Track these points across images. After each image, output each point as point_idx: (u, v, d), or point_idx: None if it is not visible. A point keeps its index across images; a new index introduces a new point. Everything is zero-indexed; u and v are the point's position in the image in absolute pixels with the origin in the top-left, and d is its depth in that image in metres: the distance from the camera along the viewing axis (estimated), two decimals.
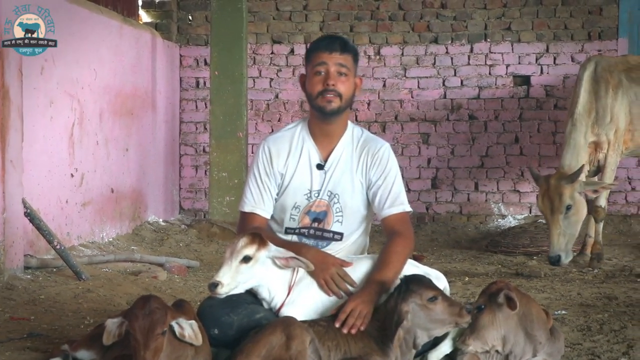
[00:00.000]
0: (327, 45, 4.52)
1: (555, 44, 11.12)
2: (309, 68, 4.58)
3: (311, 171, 4.54)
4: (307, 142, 4.59)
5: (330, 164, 4.55)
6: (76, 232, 8.29)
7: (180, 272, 7.77)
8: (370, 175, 4.57)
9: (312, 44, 4.66)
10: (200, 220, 10.70)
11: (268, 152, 4.58)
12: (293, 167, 4.55)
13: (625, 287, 7.08)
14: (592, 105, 8.22)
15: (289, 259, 4.12)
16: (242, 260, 4.04)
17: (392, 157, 4.64)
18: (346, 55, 4.51)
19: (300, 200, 4.54)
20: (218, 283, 3.99)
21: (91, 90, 8.65)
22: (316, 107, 4.52)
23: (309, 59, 4.60)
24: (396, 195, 4.57)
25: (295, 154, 4.57)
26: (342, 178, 4.54)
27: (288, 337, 3.81)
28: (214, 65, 10.33)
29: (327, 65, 4.47)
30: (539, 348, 4.18)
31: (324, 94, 4.47)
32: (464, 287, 7.01)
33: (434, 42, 11.32)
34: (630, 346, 4.88)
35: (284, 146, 4.59)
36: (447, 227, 10.98)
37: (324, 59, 4.48)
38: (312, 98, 4.53)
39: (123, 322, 3.75)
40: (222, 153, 10.27)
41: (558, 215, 7.82)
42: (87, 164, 8.55)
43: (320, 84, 4.49)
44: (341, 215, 4.54)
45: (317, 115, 4.56)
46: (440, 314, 3.95)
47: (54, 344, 4.72)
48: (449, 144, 11.25)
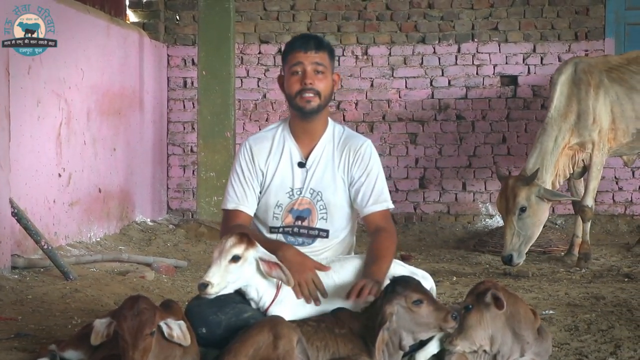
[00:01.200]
0: (302, 45, 4.54)
1: (543, 44, 11.14)
2: (286, 68, 4.58)
3: (292, 169, 4.57)
4: (288, 141, 4.62)
5: (311, 162, 4.58)
6: (64, 232, 8.27)
7: (168, 272, 7.76)
8: (353, 173, 4.60)
9: (287, 45, 4.66)
10: (188, 220, 10.69)
11: (249, 150, 4.63)
12: (274, 165, 4.58)
13: (612, 287, 7.10)
14: (571, 108, 8.22)
15: (273, 266, 4.10)
16: (231, 260, 4.03)
17: (374, 153, 4.66)
18: (322, 53, 4.53)
19: (283, 198, 4.56)
20: (208, 283, 3.98)
21: (78, 89, 8.63)
22: (295, 106, 4.54)
23: (285, 59, 4.61)
24: (379, 192, 4.60)
25: (276, 153, 4.60)
26: (324, 175, 4.57)
27: (275, 337, 3.81)
28: (202, 65, 10.32)
29: (304, 65, 4.49)
30: (526, 348, 4.19)
31: (302, 93, 4.49)
32: (452, 287, 7.02)
33: (421, 42, 11.33)
34: (617, 346, 4.90)
35: (265, 145, 4.62)
36: (434, 227, 10.99)
37: (300, 58, 4.51)
38: (291, 98, 4.55)
39: (111, 322, 3.75)
40: (210, 153, 10.26)
41: (511, 216, 7.88)
42: (74, 164, 8.53)
43: (297, 83, 4.51)
44: (325, 212, 4.56)
45: (297, 114, 4.58)
46: (425, 318, 3.95)
47: (41, 344, 4.71)
48: (437, 144, 11.26)
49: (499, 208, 8.11)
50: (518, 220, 7.86)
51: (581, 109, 8.21)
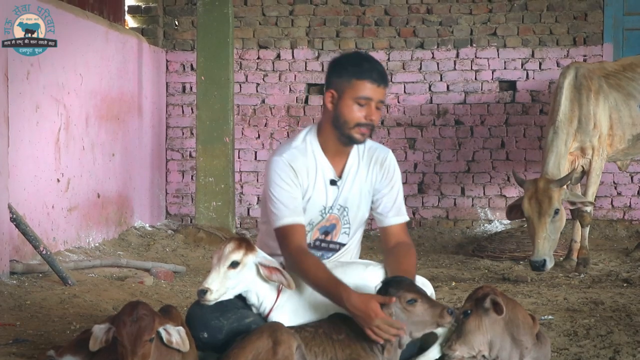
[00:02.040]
0: (373, 77, 4.33)
1: (541, 50, 11.15)
2: (348, 92, 4.33)
3: (326, 188, 4.48)
4: (320, 158, 4.48)
5: (344, 179, 4.51)
6: (62, 237, 8.26)
7: (167, 277, 7.76)
8: (378, 184, 4.57)
9: (352, 67, 4.37)
10: (186, 226, 10.69)
11: (289, 166, 4.38)
12: (311, 185, 4.44)
13: (611, 292, 7.09)
14: (574, 112, 8.20)
15: (273, 270, 4.09)
16: (230, 266, 4.03)
17: (396, 164, 4.64)
18: (386, 87, 4.41)
19: (315, 217, 4.50)
20: (207, 290, 3.98)
21: (77, 95, 8.63)
22: (346, 134, 4.37)
23: (347, 81, 4.34)
24: (400, 205, 4.62)
25: (311, 171, 4.45)
26: (353, 191, 4.53)
27: (275, 343, 3.80)
28: (200, 70, 10.32)
29: (372, 100, 4.31)
30: (525, 353, 4.19)
31: (361, 126, 4.34)
32: (451, 292, 7.02)
33: (420, 47, 11.33)
34: (616, 351, 4.89)
35: (301, 162, 4.41)
36: (433, 232, 10.99)
37: (370, 92, 4.31)
38: (344, 124, 4.35)
39: (110, 328, 3.75)
40: (209, 158, 10.26)
41: (546, 218, 7.69)
42: (73, 169, 8.52)
43: (360, 116, 4.32)
44: (348, 227, 4.56)
45: (339, 139, 4.42)
46: (421, 316, 3.95)
47: (39, 349, 4.70)
48: (435, 149, 11.27)
49: (530, 212, 7.78)
50: (550, 224, 7.70)
51: (582, 114, 8.20)
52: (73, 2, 8.90)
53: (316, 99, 11.36)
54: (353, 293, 4.00)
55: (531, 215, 7.78)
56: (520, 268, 8.72)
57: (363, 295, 3.99)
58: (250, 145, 11.44)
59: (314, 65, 11.38)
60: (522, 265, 8.89)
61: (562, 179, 7.79)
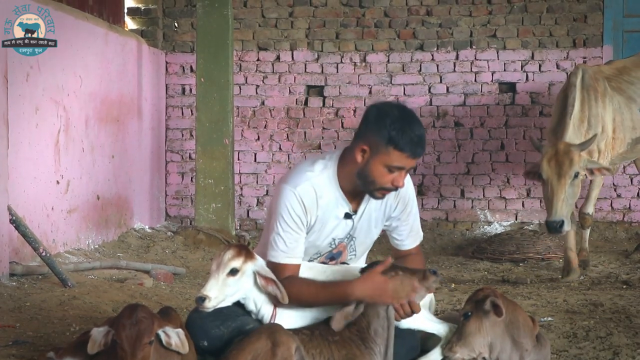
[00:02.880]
0: (414, 151, 4.19)
1: (541, 51, 11.15)
2: (384, 157, 4.18)
3: (339, 222, 4.39)
4: (336, 194, 4.33)
5: (359, 215, 4.42)
6: (62, 239, 8.26)
7: (167, 279, 7.76)
8: (392, 211, 4.50)
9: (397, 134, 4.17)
10: (186, 227, 10.68)
11: (301, 202, 4.26)
12: (322, 218, 4.34)
13: (611, 293, 7.09)
14: (584, 113, 8.04)
15: (269, 281, 4.07)
16: (229, 273, 4.02)
17: (412, 187, 4.57)
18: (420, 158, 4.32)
19: (324, 248, 4.45)
20: (205, 297, 3.96)
21: (77, 97, 8.63)
22: (367, 189, 4.27)
23: (387, 148, 4.17)
24: (417, 229, 4.60)
25: (324, 207, 4.32)
26: (365, 224, 4.46)
27: (274, 344, 3.80)
28: (200, 72, 10.32)
29: (404, 169, 4.23)
30: (525, 355, 4.19)
31: (385, 189, 4.25)
32: (450, 294, 7.02)
33: (419, 49, 11.33)
34: (616, 353, 4.90)
35: (312, 199, 4.28)
36: (433, 234, 10.98)
37: (405, 164, 4.20)
38: (369, 182, 4.22)
39: (109, 331, 3.75)
40: (208, 160, 10.25)
41: (566, 180, 7.45)
42: (72, 171, 8.52)
43: (389, 180, 4.21)
44: (354, 254, 4.53)
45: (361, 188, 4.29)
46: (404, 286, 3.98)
47: (39, 351, 4.71)
48: (435, 151, 11.26)
49: (549, 173, 7.52)
50: (569, 187, 7.46)
51: (592, 115, 8.05)
52: (73, 4, 8.91)
53: (316, 101, 11.36)
54: (353, 283, 4.06)
55: (550, 176, 7.55)
56: (520, 270, 8.73)
57: (363, 277, 4.06)
58: (249, 147, 11.44)
59: (314, 67, 11.38)
60: (521, 267, 8.90)
61: (583, 143, 7.60)
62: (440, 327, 4.31)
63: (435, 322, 4.36)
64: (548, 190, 7.58)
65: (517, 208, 11.15)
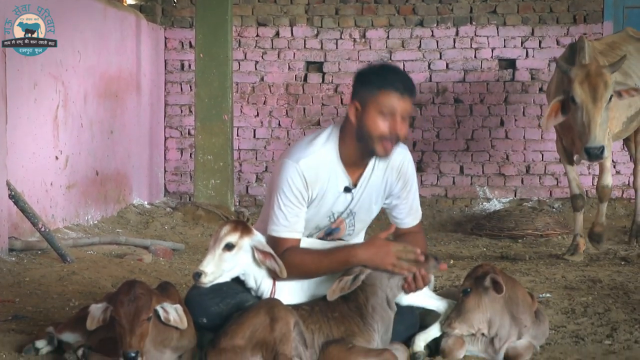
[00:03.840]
0: (399, 87, 4.17)
1: (541, 28, 11.12)
2: (373, 104, 4.17)
3: (338, 195, 4.35)
4: (336, 166, 4.30)
5: (358, 188, 4.38)
6: (61, 215, 8.27)
7: (166, 254, 7.77)
8: (393, 187, 4.46)
9: (377, 77, 4.22)
10: (185, 203, 10.69)
11: (302, 177, 4.22)
12: (322, 192, 4.31)
13: (609, 270, 7.10)
14: None
15: (267, 256, 4.07)
16: (225, 248, 4.02)
17: (412, 164, 4.52)
18: (412, 98, 4.24)
19: (323, 222, 4.42)
20: (202, 273, 3.96)
21: (75, 72, 8.61)
22: (369, 147, 4.21)
23: (372, 92, 4.18)
24: (416, 207, 4.57)
25: (324, 181, 4.28)
26: (365, 198, 4.42)
27: (272, 319, 3.81)
28: (199, 47, 10.29)
29: (397, 111, 4.14)
30: (524, 331, 4.21)
31: (384, 139, 4.17)
32: (449, 271, 7.02)
33: (419, 25, 11.30)
34: (614, 328, 4.91)
35: (317, 174, 4.25)
36: (432, 211, 10.98)
37: (395, 103, 4.15)
38: (368, 136, 4.19)
39: (107, 307, 3.76)
40: (208, 136, 10.24)
41: (602, 103, 7.16)
42: (71, 147, 8.52)
43: (385, 128, 4.15)
44: (353, 229, 4.51)
45: (361, 150, 4.27)
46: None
47: (39, 326, 4.72)
48: (435, 127, 11.25)
49: (583, 97, 7.18)
50: (604, 111, 7.17)
51: None
52: None
53: (315, 77, 11.34)
54: (355, 247, 4.13)
55: (584, 100, 7.19)
56: (519, 246, 8.75)
57: (366, 242, 4.15)
58: (249, 123, 11.42)
59: (313, 43, 11.35)
60: (520, 244, 8.91)
61: (614, 64, 7.37)
62: (440, 303, 4.31)
63: (434, 298, 4.36)
64: (582, 115, 7.19)
65: (516, 185, 11.15)
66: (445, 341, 4.19)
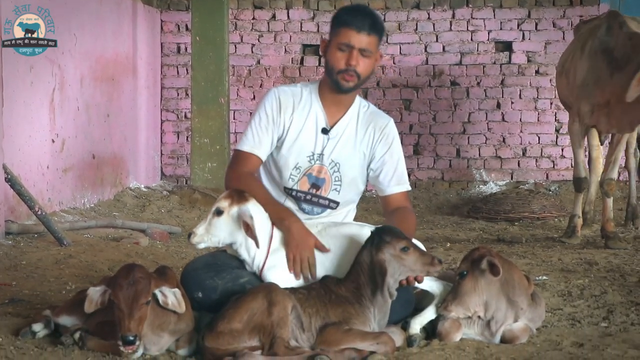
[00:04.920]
0: (356, 23, 4.36)
1: (537, 10, 11.11)
2: (334, 39, 4.42)
3: (316, 134, 4.51)
4: (315, 105, 4.54)
5: (336, 132, 4.52)
6: (57, 198, 8.27)
7: (162, 238, 7.78)
8: (376, 151, 4.58)
9: (342, 15, 4.47)
10: (182, 187, 10.69)
11: (277, 100, 4.51)
12: (298, 125, 4.50)
13: (605, 252, 7.11)
14: None
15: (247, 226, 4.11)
16: (214, 214, 4.14)
17: (397, 134, 4.66)
18: (373, 36, 4.40)
19: (302, 161, 4.50)
20: (192, 233, 4.14)
21: (72, 55, 8.60)
22: (334, 80, 4.44)
23: (335, 30, 4.43)
24: (401, 173, 4.62)
25: (302, 112, 4.52)
26: (345, 147, 4.53)
27: (270, 303, 3.81)
28: (195, 30, 10.28)
29: (353, 46, 4.36)
30: (520, 313, 4.21)
31: (343, 72, 4.38)
32: (446, 253, 7.03)
33: (415, 7, 11.28)
34: (610, 311, 4.91)
35: (293, 100, 4.53)
36: (429, 194, 11.00)
37: (351, 39, 4.36)
38: (331, 71, 4.42)
39: (106, 290, 3.76)
40: (204, 119, 10.24)
41: None
42: (68, 130, 8.51)
43: (342, 61, 4.37)
44: (339, 184, 4.53)
45: (331, 85, 4.49)
46: (413, 264, 3.99)
47: (35, 309, 4.71)
48: (431, 110, 11.25)
49: None
50: None
51: None
52: None
53: (311, 60, 11.32)
54: (293, 217, 4.29)
55: None
56: (515, 229, 8.76)
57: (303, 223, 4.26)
58: (245, 106, 11.41)
59: (310, 25, 11.33)
60: (516, 226, 8.92)
61: None
62: (434, 284, 4.31)
63: (429, 279, 4.36)
64: None
65: (513, 167, 11.16)
66: (442, 324, 4.19)
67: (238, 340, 3.79)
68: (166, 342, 3.89)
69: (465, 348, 4.10)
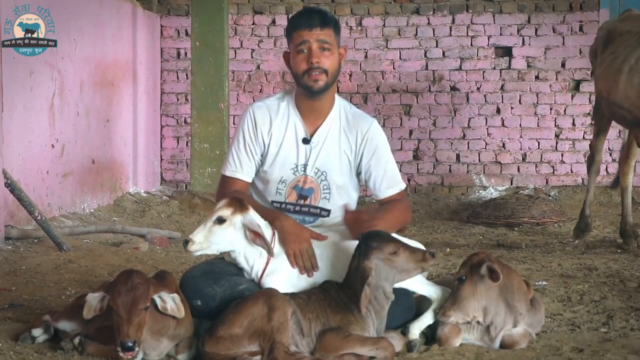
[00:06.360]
0: (306, 22, 4.40)
1: (537, 15, 11.12)
2: (292, 47, 4.46)
3: (297, 145, 4.48)
4: (293, 116, 4.51)
5: (317, 140, 4.49)
6: (57, 203, 8.27)
7: (162, 243, 7.77)
8: (361, 156, 4.53)
9: (290, 22, 4.54)
10: (181, 192, 10.69)
11: (253, 118, 4.50)
12: (278, 139, 4.48)
13: (605, 257, 7.10)
14: None
15: (256, 235, 4.09)
16: (216, 221, 4.07)
17: (382, 135, 4.60)
18: (327, 29, 4.41)
19: (287, 174, 4.49)
20: (189, 240, 4.04)
21: (71, 60, 8.60)
22: (303, 85, 4.43)
23: (290, 37, 4.48)
24: (392, 175, 4.59)
25: (280, 125, 4.50)
26: (329, 154, 4.50)
27: (270, 309, 3.82)
28: (195, 36, 10.29)
29: (309, 43, 4.38)
30: (519, 319, 4.21)
31: (309, 72, 4.37)
32: (445, 258, 7.03)
33: (415, 13, 11.29)
34: (610, 316, 4.91)
35: (268, 115, 4.51)
36: (428, 199, 11.00)
37: (305, 36, 4.38)
38: (298, 77, 4.43)
39: (104, 296, 3.76)
40: (204, 124, 10.25)
41: None
42: (67, 135, 8.51)
43: (304, 62, 4.39)
44: (328, 192, 4.51)
45: (304, 93, 4.47)
46: (405, 264, 3.99)
47: (35, 314, 4.71)
48: (431, 116, 11.26)
49: None
50: None
51: None
52: None
53: None
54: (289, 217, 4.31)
55: None
56: (515, 234, 8.75)
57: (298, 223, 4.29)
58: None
59: None
60: (516, 232, 8.91)
61: None
62: (432, 289, 4.32)
63: (425, 284, 4.36)
64: None
65: (513, 173, 11.16)
66: (441, 329, 4.20)
67: (238, 346, 3.80)
68: (165, 347, 3.89)
69: (465, 353, 4.10)
